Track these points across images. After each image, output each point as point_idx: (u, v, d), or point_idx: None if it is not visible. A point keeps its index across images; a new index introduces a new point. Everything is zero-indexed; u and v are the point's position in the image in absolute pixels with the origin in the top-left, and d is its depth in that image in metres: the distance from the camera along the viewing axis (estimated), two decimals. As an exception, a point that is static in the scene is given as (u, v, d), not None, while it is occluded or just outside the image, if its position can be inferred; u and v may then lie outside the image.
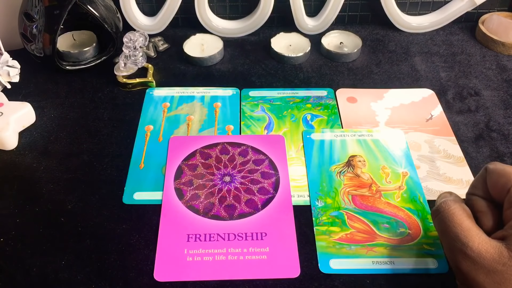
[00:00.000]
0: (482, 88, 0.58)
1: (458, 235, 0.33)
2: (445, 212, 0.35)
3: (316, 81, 0.59)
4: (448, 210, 0.35)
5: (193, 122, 0.53)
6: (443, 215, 0.35)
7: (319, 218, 0.43)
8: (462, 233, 0.33)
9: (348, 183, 0.46)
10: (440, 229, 0.36)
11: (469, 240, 0.33)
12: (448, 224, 0.34)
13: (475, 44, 0.66)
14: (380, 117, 0.54)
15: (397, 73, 0.61)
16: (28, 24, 0.56)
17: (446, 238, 0.35)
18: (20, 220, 0.43)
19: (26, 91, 0.57)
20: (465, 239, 0.33)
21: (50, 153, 0.50)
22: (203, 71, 0.61)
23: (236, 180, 0.47)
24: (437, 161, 0.49)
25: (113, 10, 0.61)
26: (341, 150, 0.50)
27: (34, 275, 0.39)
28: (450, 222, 0.34)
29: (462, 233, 0.33)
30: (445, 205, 0.35)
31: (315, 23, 0.67)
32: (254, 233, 0.42)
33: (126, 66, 0.58)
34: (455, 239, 0.33)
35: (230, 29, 0.67)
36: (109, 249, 0.41)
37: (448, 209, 0.35)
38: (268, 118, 0.54)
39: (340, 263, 0.40)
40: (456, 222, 0.34)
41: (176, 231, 0.42)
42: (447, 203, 0.35)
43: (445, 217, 0.35)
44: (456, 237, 0.33)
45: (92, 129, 0.53)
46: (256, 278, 0.39)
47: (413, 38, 0.67)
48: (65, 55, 0.60)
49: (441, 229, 0.35)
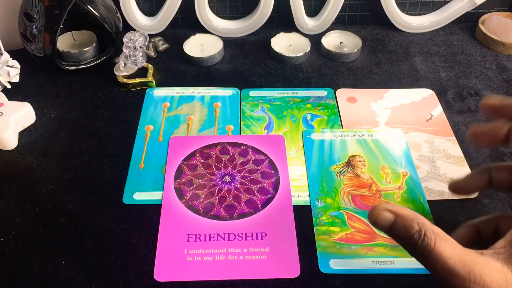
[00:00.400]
0: (482, 88, 0.58)
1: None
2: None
3: (316, 81, 0.59)
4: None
5: (193, 122, 0.53)
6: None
7: (319, 218, 0.43)
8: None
9: (348, 183, 0.46)
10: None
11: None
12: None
13: (475, 44, 0.66)
14: (380, 117, 0.54)
15: (397, 73, 0.61)
16: (28, 24, 0.56)
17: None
18: (20, 220, 0.43)
19: (26, 91, 0.57)
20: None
21: (50, 153, 0.50)
22: (203, 71, 0.61)
23: (236, 180, 0.47)
24: (437, 161, 0.49)
25: (113, 10, 0.61)
26: (341, 150, 0.50)
27: (34, 275, 0.39)
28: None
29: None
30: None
31: (315, 23, 0.67)
32: (254, 233, 0.42)
33: (126, 66, 0.58)
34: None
35: (230, 29, 0.67)
36: (109, 249, 0.41)
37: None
38: (268, 118, 0.54)
39: (340, 263, 0.40)
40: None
41: (176, 231, 0.42)
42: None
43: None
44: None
45: (92, 129, 0.53)
46: (256, 278, 0.39)
47: (413, 38, 0.67)
48: (65, 55, 0.60)
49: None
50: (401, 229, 0.29)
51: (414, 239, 0.29)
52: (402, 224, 0.30)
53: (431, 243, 0.28)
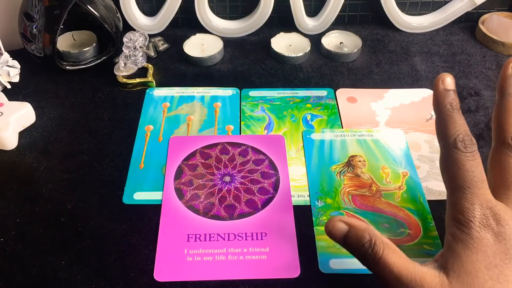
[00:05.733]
0: (482, 88, 0.58)
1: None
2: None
3: (316, 81, 0.59)
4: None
5: (193, 122, 0.53)
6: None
7: (319, 218, 0.43)
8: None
9: (348, 183, 0.46)
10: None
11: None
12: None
13: (475, 44, 0.66)
14: (380, 117, 0.54)
15: (397, 73, 0.61)
16: (28, 24, 0.56)
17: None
18: (20, 220, 0.43)
19: (26, 91, 0.57)
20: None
21: (50, 153, 0.50)
22: (203, 71, 0.61)
23: (236, 180, 0.47)
24: (437, 161, 0.49)
25: (113, 10, 0.61)
26: (341, 150, 0.50)
27: (34, 275, 0.39)
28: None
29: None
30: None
31: (315, 23, 0.67)
32: (254, 233, 0.42)
33: (126, 66, 0.58)
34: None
35: (230, 29, 0.67)
36: (109, 249, 0.41)
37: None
38: (268, 118, 0.54)
39: (340, 263, 0.40)
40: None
41: (176, 231, 0.42)
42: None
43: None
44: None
45: (92, 129, 0.53)
46: (256, 278, 0.39)
47: (413, 38, 0.67)
48: (65, 55, 0.60)
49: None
50: (354, 238, 0.33)
51: (365, 247, 0.32)
52: (355, 234, 0.33)
53: (379, 251, 0.31)
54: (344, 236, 0.33)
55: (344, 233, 0.33)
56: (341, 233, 0.33)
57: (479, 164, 0.32)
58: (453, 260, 0.30)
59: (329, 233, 0.34)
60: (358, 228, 0.33)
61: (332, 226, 0.34)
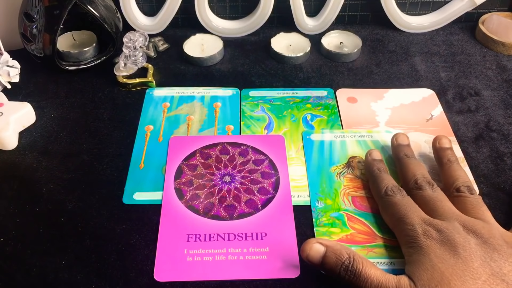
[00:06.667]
0: (482, 88, 0.58)
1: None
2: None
3: (316, 81, 0.59)
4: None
5: (193, 122, 0.53)
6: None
7: (320, 219, 0.43)
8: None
9: (348, 184, 0.46)
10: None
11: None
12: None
13: (475, 44, 0.66)
14: (380, 117, 0.54)
15: (397, 73, 0.61)
16: (28, 24, 0.56)
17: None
18: (20, 220, 0.43)
19: (26, 91, 0.58)
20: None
21: (50, 153, 0.50)
22: (203, 71, 0.61)
23: (236, 180, 0.47)
24: (437, 161, 0.49)
25: (113, 10, 0.61)
26: (341, 151, 0.50)
27: (34, 275, 0.39)
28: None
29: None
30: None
31: (315, 23, 0.67)
32: (254, 233, 0.42)
33: (126, 66, 0.58)
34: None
35: (230, 29, 0.67)
36: (109, 249, 0.41)
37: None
38: (268, 118, 0.54)
39: (340, 263, 0.40)
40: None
41: (176, 231, 0.42)
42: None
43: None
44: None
45: (92, 129, 0.53)
46: (256, 278, 0.39)
47: (413, 38, 0.67)
48: (65, 55, 0.60)
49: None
50: (333, 257, 0.36)
51: (345, 264, 0.35)
52: (333, 253, 0.36)
53: (359, 266, 0.35)
54: (322, 257, 0.36)
55: (322, 255, 0.36)
56: (320, 254, 0.36)
57: (409, 199, 0.40)
58: (414, 266, 0.36)
59: (307, 257, 0.37)
60: (335, 248, 0.37)
61: (310, 248, 0.37)
